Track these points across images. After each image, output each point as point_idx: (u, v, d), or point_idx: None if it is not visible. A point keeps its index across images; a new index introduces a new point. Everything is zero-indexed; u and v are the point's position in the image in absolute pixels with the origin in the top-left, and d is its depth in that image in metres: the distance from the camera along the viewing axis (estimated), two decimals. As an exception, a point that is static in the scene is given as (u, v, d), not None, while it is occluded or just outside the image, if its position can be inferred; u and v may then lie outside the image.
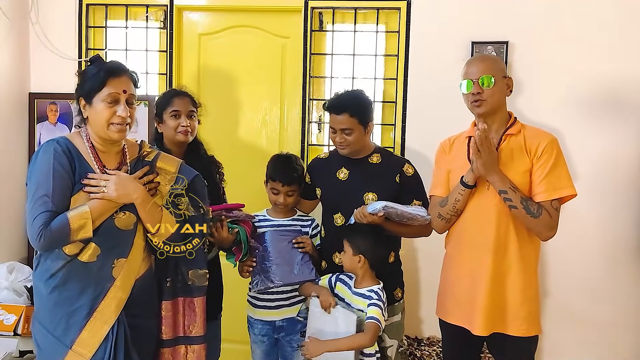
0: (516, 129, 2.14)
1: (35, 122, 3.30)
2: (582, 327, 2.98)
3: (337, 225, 2.41)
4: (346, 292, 2.31)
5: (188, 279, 2.05)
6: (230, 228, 2.30)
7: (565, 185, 2.06)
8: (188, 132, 2.38)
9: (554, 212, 2.04)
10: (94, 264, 1.85)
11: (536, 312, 2.16)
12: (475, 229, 2.15)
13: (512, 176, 2.06)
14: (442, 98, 2.99)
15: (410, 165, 2.43)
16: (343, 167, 2.44)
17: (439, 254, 2.37)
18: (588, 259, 2.95)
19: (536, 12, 2.94)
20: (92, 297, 1.85)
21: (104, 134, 1.88)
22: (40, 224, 1.74)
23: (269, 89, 3.28)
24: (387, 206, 2.19)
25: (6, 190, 3.11)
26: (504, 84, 2.14)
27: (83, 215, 1.77)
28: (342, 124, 2.31)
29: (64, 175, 1.81)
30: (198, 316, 2.07)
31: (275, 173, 2.48)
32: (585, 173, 2.86)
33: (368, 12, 3.15)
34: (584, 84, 2.91)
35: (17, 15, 3.15)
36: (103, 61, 1.93)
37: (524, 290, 2.11)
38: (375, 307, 2.19)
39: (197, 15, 3.31)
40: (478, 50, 2.98)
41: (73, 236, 1.77)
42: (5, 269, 2.93)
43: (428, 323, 3.09)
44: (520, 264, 2.10)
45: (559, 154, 2.09)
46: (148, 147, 2.05)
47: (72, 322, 1.84)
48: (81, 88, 1.90)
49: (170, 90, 2.54)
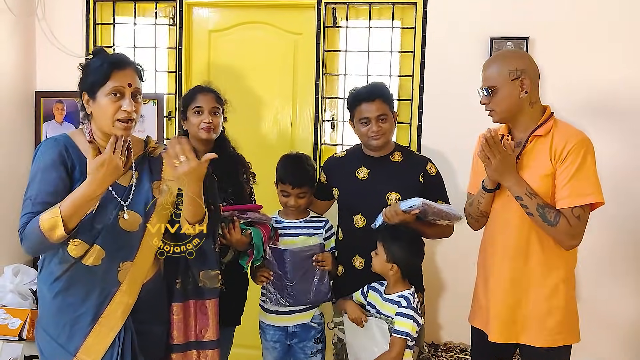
0: (545, 129, 1.98)
1: (41, 120, 3.24)
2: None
3: (358, 227, 2.33)
4: (377, 299, 2.25)
5: (199, 280, 1.97)
6: (243, 230, 2.21)
7: (589, 192, 1.88)
8: (211, 128, 2.32)
9: (575, 221, 1.88)
10: (98, 267, 1.77)
11: (567, 321, 2.01)
12: (497, 233, 2.07)
13: (532, 180, 1.95)
14: (459, 96, 2.91)
15: (432, 165, 2.38)
16: (362, 166, 2.36)
17: (457, 258, 2.31)
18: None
19: (558, 6, 2.86)
20: (96, 302, 1.78)
21: (108, 130, 1.79)
22: (20, 226, 1.70)
23: (280, 86, 3.21)
24: (424, 203, 2.10)
25: (11, 190, 3.04)
26: (514, 87, 1.97)
27: (52, 214, 1.66)
28: (378, 110, 2.27)
29: (53, 177, 1.73)
30: (211, 319, 1.99)
31: (284, 175, 2.40)
32: (607, 177, 2.75)
33: (383, 7, 3.07)
34: (605, 84, 2.80)
35: (23, 11, 3.10)
36: (106, 53, 1.84)
37: (550, 299, 1.98)
38: (402, 317, 2.12)
39: (207, 11, 3.25)
40: (497, 47, 2.90)
41: (49, 238, 1.66)
42: (10, 271, 2.88)
43: (447, 329, 3.01)
44: (545, 271, 1.98)
45: (586, 156, 1.90)
46: (154, 143, 1.97)
47: (76, 328, 1.77)
48: (84, 82, 1.81)
49: (196, 87, 2.47)
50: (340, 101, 3.15)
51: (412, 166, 2.35)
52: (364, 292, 2.29)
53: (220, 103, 2.39)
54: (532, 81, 1.99)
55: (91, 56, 1.85)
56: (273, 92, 3.22)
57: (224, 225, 2.18)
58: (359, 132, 2.33)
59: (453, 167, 2.89)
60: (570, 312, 2.03)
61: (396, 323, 2.12)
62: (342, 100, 3.13)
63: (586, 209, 1.90)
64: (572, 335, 2.03)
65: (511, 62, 1.98)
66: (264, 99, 3.22)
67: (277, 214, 2.51)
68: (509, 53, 2.05)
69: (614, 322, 2.86)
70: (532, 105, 2.01)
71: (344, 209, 2.43)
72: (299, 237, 2.42)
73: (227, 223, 2.18)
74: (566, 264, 2.01)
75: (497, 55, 2.10)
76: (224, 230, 2.18)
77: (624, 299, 2.86)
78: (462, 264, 2.67)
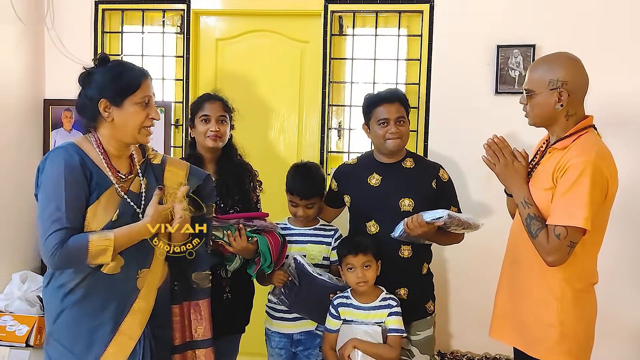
0: (564, 143, 1.91)
1: (50, 128, 3.26)
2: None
3: (371, 233, 2.31)
4: (357, 313, 2.23)
5: (192, 282, 1.99)
6: (249, 237, 2.21)
7: (573, 214, 1.78)
8: (217, 137, 2.32)
9: (554, 239, 1.81)
10: (117, 275, 1.76)
11: (563, 341, 1.90)
12: (509, 239, 2.09)
13: (536, 192, 1.93)
14: (466, 103, 2.91)
15: (444, 171, 2.38)
16: (375, 173, 2.35)
17: (468, 266, 2.28)
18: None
19: (565, 14, 2.85)
20: (116, 311, 1.77)
21: (131, 138, 1.80)
22: (55, 242, 1.64)
23: (287, 94, 3.22)
24: (450, 215, 2.09)
25: (20, 199, 3.06)
26: (551, 96, 1.90)
27: (106, 240, 1.67)
28: (397, 112, 2.29)
29: (77, 186, 1.70)
30: (204, 319, 2.02)
31: (293, 186, 2.39)
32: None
33: (389, 15, 3.07)
34: (612, 92, 2.76)
35: (32, 20, 3.12)
36: (124, 62, 1.87)
37: (539, 312, 1.93)
38: (396, 316, 2.17)
39: (214, 20, 3.27)
40: (503, 54, 2.91)
41: (90, 259, 1.67)
42: (18, 278, 2.89)
43: (458, 338, 2.97)
44: (535, 284, 1.94)
45: (581, 178, 1.79)
46: (151, 150, 1.98)
47: (96, 337, 1.74)
48: (104, 89, 1.76)
49: (204, 95, 2.47)
50: (346, 109, 3.15)
51: (425, 172, 2.34)
52: (335, 313, 2.26)
53: (227, 111, 2.39)
54: (573, 94, 1.90)
55: (96, 64, 1.82)
56: (280, 100, 3.23)
57: (230, 233, 2.18)
58: (375, 134, 2.31)
59: (461, 174, 2.88)
60: (568, 333, 1.91)
61: (391, 323, 2.18)
62: (348, 108, 3.14)
63: (570, 230, 1.80)
64: (568, 357, 1.92)
65: (555, 71, 1.90)
66: (271, 107, 3.23)
67: (286, 220, 2.49)
68: (557, 60, 1.94)
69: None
70: (567, 118, 1.93)
71: (356, 216, 2.40)
72: (308, 245, 2.41)
73: (233, 231, 2.18)
74: (565, 282, 1.91)
75: (545, 59, 2.01)
76: (230, 238, 2.18)
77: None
78: (472, 273, 2.67)
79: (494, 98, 2.93)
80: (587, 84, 1.95)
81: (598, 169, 1.81)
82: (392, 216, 2.22)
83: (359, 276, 2.17)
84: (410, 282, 2.30)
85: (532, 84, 1.95)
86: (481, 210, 2.81)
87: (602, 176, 1.82)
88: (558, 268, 1.87)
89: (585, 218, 1.78)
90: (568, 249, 1.81)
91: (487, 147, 2.00)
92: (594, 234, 1.88)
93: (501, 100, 2.92)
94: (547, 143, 2.03)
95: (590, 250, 1.93)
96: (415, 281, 2.31)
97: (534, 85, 1.95)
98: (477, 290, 2.64)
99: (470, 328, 2.42)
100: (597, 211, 1.83)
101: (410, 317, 2.27)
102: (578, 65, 1.93)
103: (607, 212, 1.93)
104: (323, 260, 2.41)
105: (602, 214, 1.89)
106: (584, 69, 1.94)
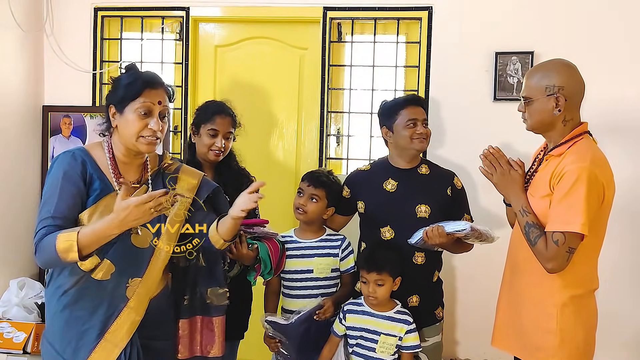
0: (560, 150, 1.93)
1: (48, 135, 3.26)
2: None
3: (385, 239, 2.28)
4: (370, 320, 2.21)
5: (207, 297, 1.98)
6: (250, 244, 2.21)
7: (570, 221, 1.79)
8: (221, 152, 2.33)
9: (552, 245, 1.82)
10: (107, 282, 1.77)
11: (564, 348, 1.90)
12: (509, 248, 2.10)
13: (534, 200, 1.94)
14: (465, 110, 2.91)
15: (458, 178, 2.38)
16: (390, 179, 2.32)
17: (476, 273, 2.27)
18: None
19: (563, 21, 2.86)
20: (103, 317, 1.77)
21: (131, 146, 1.80)
22: (38, 239, 1.70)
23: (286, 101, 3.22)
24: (473, 227, 2.08)
25: (18, 205, 3.06)
26: (548, 102, 1.92)
27: (69, 237, 1.65)
28: (423, 114, 2.32)
29: (72, 191, 1.74)
30: (217, 336, 2.00)
31: (306, 174, 2.40)
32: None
33: (388, 22, 3.09)
34: (610, 99, 2.77)
35: (31, 27, 3.13)
36: (139, 70, 1.86)
37: (539, 320, 1.92)
38: (414, 333, 2.18)
39: (213, 26, 3.27)
40: (502, 61, 2.92)
41: (61, 256, 1.66)
42: (15, 285, 2.89)
43: (464, 345, 2.96)
44: (537, 292, 1.94)
45: (578, 184, 1.80)
46: (169, 159, 1.98)
47: (82, 343, 1.76)
48: (113, 95, 1.82)
49: (214, 104, 2.43)
50: (345, 115, 3.15)
51: (440, 179, 2.34)
52: (342, 318, 2.25)
53: (234, 127, 2.39)
54: (569, 99, 1.91)
55: (123, 71, 1.86)
56: (278, 107, 3.23)
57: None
58: (401, 135, 2.27)
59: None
60: (568, 340, 1.91)
61: (410, 340, 2.17)
62: (347, 115, 3.14)
63: (568, 236, 1.80)
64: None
65: (551, 77, 1.92)
66: (270, 113, 3.23)
67: (292, 232, 2.45)
68: (553, 67, 1.96)
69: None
70: (565, 123, 1.94)
71: (370, 222, 2.35)
72: (315, 259, 2.35)
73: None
74: (564, 289, 1.91)
75: (541, 66, 2.03)
76: (230, 245, 2.17)
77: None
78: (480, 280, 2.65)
79: (492, 104, 2.94)
80: (583, 89, 1.96)
81: (593, 175, 1.82)
82: (408, 222, 2.21)
83: (370, 291, 2.16)
84: (422, 289, 2.29)
85: (529, 91, 1.97)
86: (481, 217, 2.79)
87: (598, 182, 1.83)
88: (557, 275, 1.87)
89: (582, 223, 1.79)
90: (567, 255, 1.82)
91: (483, 158, 2.03)
92: (593, 240, 1.88)
93: (500, 107, 2.92)
94: (544, 151, 2.05)
95: (589, 256, 1.93)
96: (426, 288, 2.30)
97: (531, 92, 1.96)
98: (483, 299, 2.63)
99: (475, 336, 2.42)
100: (594, 216, 1.84)
101: (421, 323, 2.25)
102: (573, 70, 1.95)
103: (605, 218, 1.93)
104: (332, 272, 2.37)
105: (599, 220, 1.90)
106: (579, 74, 1.95)
